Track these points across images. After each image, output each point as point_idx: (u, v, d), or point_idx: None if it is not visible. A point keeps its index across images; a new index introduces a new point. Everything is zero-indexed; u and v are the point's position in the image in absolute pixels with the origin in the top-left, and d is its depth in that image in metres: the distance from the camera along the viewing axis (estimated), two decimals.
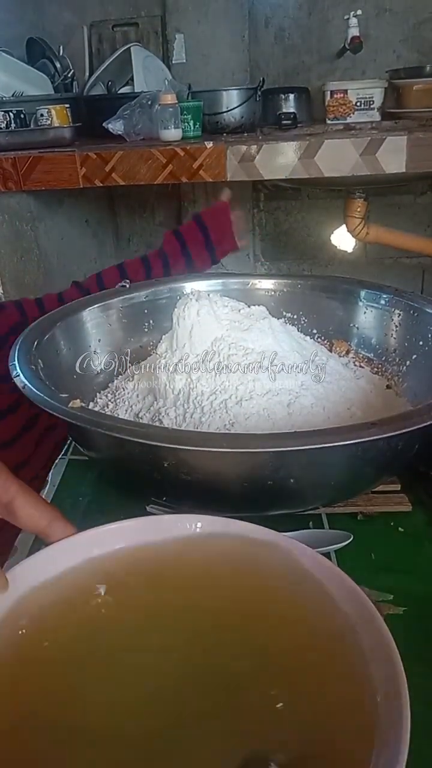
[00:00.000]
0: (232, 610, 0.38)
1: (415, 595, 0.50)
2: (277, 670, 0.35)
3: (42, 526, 0.41)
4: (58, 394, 0.56)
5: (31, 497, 0.41)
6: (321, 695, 0.33)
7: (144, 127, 1.50)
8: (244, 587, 0.40)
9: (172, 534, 0.42)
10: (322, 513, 0.59)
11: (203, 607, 0.39)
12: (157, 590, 0.40)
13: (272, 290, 0.84)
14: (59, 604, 0.38)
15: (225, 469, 0.52)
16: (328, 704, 0.32)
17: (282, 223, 2.05)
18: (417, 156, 1.27)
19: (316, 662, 0.35)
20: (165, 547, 0.42)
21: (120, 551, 0.41)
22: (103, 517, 0.43)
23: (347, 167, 1.31)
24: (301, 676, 0.34)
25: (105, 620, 0.38)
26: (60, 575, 0.39)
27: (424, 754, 0.36)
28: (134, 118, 1.50)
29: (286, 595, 0.38)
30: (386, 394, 0.71)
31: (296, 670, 0.35)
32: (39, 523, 0.41)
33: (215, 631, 0.37)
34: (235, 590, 0.40)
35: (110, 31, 1.91)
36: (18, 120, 1.45)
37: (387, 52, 1.82)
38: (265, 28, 1.86)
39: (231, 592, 0.40)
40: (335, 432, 0.49)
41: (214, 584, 0.40)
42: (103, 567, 0.40)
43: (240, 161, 1.34)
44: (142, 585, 0.40)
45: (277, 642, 0.36)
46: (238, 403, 0.60)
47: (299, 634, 0.36)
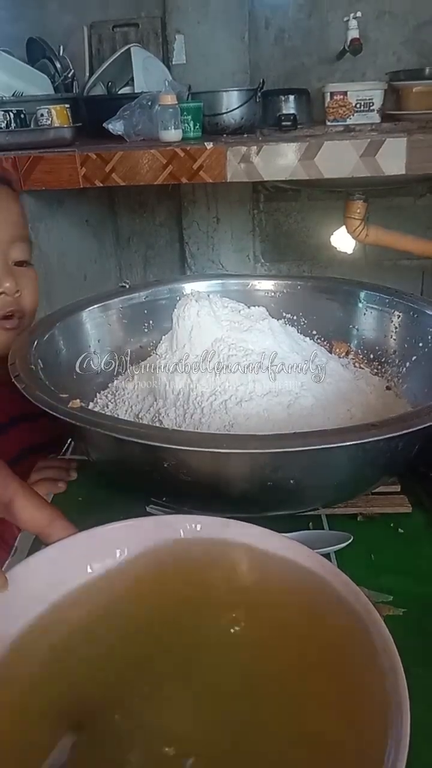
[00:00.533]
0: (233, 610, 0.38)
1: (415, 597, 0.50)
2: (282, 666, 0.35)
3: (42, 526, 0.41)
4: (58, 394, 0.56)
5: (32, 497, 0.42)
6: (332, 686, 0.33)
7: (144, 128, 1.50)
8: (244, 586, 0.40)
9: (172, 534, 0.42)
10: (322, 514, 0.59)
11: (204, 606, 0.39)
12: (157, 589, 0.40)
13: (272, 291, 0.84)
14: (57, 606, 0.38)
15: (225, 469, 0.52)
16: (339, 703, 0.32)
17: (282, 224, 2.05)
18: (417, 158, 1.27)
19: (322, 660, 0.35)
20: (165, 547, 0.42)
21: (120, 552, 0.41)
22: (103, 517, 0.43)
23: (347, 169, 1.31)
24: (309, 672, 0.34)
25: (105, 620, 0.38)
26: (59, 575, 0.39)
27: (425, 754, 0.36)
28: (134, 118, 1.50)
29: (289, 596, 0.38)
30: (386, 395, 0.71)
31: (302, 668, 0.35)
32: (40, 522, 0.41)
33: (216, 630, 0.37)
34: (236, 589, 0.40)
35: (110, 32, 1.91)
36: (18, 120, 1.45)
37: (387, 54, 1.82)
38: (265, 29, 1.86)
39: (232, 590, 0.40)
40: (335, 433, 0.49)
41: (214, 584, 0.40)
42: (103, 567, 0.40)
43: (240, 162, 1.34)
44: (142, 584, 0.40)
45: (280, 641, 0.36)
46: (238, 403, 0.60)
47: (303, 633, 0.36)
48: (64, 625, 0.38)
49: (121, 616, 0.38)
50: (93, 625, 0.38)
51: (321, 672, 0.34)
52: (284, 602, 0.38)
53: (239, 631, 0.37)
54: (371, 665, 0.32)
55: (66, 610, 0.38)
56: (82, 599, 0.39)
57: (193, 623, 0.38)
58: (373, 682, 0.32)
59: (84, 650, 0.36)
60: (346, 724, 0.31)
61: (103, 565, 0.41)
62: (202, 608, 0.39)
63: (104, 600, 0.39)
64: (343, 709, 0.32)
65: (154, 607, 0.39)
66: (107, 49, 1.90)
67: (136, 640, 0.37)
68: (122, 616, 0.38)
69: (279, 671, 0.35)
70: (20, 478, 0.43)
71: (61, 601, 0.38)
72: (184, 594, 0.39)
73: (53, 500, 0.64)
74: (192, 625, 0.37)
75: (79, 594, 0.39)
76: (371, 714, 0.30)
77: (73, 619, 0.38)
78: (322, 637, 0.36)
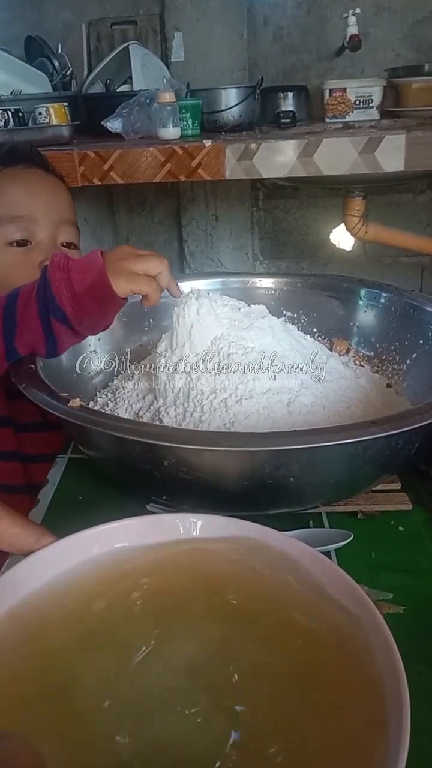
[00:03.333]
0: (234, 609, 0.38)
1: (415, 594, 0.50)
2: (283, 665, 0.35)
3: (30, 544, 0.41)
4: (58, 393, 0.56)
5: (15, 517, 0.42)
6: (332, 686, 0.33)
7: (142, 126, 1.49)
8: (244, 585, 0.40)
9: (172, 533, 0.42)
10: (322, 512, 0.59)
11: (204, 605, 0.39)
12: (158, 588, 0.40)
13: (272, 289, 0.84)
14: (59, 604, 0.38)
15: (225, 468, 0.52)
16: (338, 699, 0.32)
17: (281, 221, 2.05)
18: (416, 155, 1.27)
19: (322, 658, 0.35)
20: (165, 546, 0.42)
21: (120, 550, 0.41)
22: (103, 516, 0.43)
23: (346, 166, 1.30)
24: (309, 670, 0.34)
25: (105, 619, 0.38)
26: (60, 575, 0.39)
27: (425, 753, 0.36)
28: (133, 116, 1.49)
29: (288, 592, 0.38)
30: (386, 392, 0.71)
31: (302, 666, 0.35)
32: (26, 541, 0.41)
33: (217, 630, 0.37)
34: (236, 588, 0.40)
35: (109, 30, 1.90)
36: (16, 118, 1.45)
37: (386, 50, 1.81)
38: (264, 26, 1.86)
39: (231, 589, 0.40)
40: (335, 431, 0.49)
41: (214, 582, 0.40)
42: (103, 567, 0.40)
43: (239, 160, 1.34)
44: (143, 584, 0.40)
45: (281, 640, 0.36)
46: (238, 402, 0.60)
47: (302, 631, 0.36)
48: (65, 624, 0.38)
49: (121, 615, 0.38)
50: (93, 624, 0.38)
51: (321, 670, 0.34)
52: (284, 600, 0.38)
53: (239, 628, 0.37)
54: (371, 663, 0.32)
55: (66, 609, 0.38)
56: (82, 598, 0.39)
57: (192, 622, 0.38)
58: (373, 680, 0.32)
59: (81, 646, 0.36)
60: (346, 723, 0.31)
61: (103, 564, 0.41)
62: (202, 606, 0.39)
63: (104, 599, 0.39)
64: (343, 709, 0.32)
65: (155, 606, 0.39)
66: (105, 47, 1.89)
67: (135, 640, 0.36)
68: (122, 615, 0.38)
69: (278, 669, 0.35)
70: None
71: (62, 600, 0.38)
72: (185, 592, 0.39)
73: (54, 498, 0.64)
74: (191, 623, 0.37)
75: (80, 593, 0.39)
76: (371, 713, 0.30)
77: (72, 618, 0.38)
78: (322, 635, 0.36)
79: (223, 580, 0.40)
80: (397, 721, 0.29)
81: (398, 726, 0.28)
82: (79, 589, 0.39)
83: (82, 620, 0.37)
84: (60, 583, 0.39)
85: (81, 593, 0.39)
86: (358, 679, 0.33)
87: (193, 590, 0.39)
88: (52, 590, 0.39)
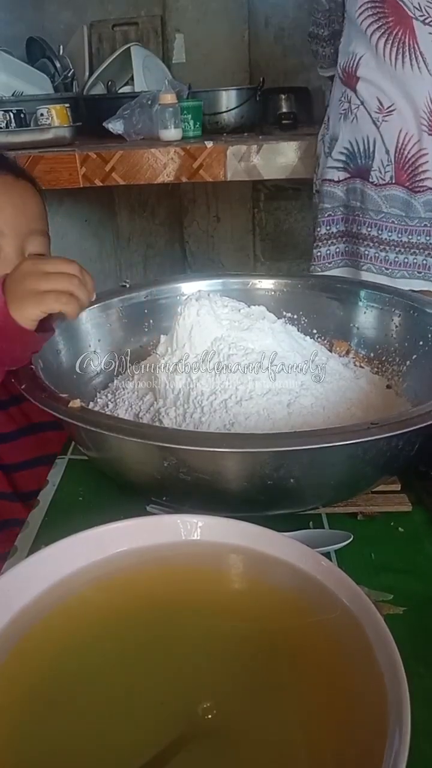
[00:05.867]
0: (233, 609, 0.38)
1: (415, 595, 0.50)
2: (282, 667, 0.35)
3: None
4: (58, 394, 0.56)
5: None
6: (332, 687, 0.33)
7: (144, 127, 1.50)
8: (244, 585, 0.40)
9: (172, 534, 0.42)
10: (322, 513, 0.59)
11: (205, 606, 0.39)
12: (158, 589, 0.40)
13: (272, 290, 0.84)
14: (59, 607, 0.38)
15: (225, 469, 0.52)
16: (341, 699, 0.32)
17: (282, 222, 2.05)
18: None
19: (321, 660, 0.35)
20: (165, 547, 0.42)
21: (120, 552, 0.41)
22: (103, 517, 0.43)
23: None
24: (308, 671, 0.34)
25: (104, 620, 0.38)
26: (60, 576, 0.39)
27: (425, 753, 0.36)
28: (134, 117, 1.50)
29: (288, 595, 0.38)
30: (386, 393, 0.70)
31: (302, 667, 0.35)
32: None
33: (216, 629, 0.37)
34: (236, 588, 0.40)
35: (110, 31, 1.91)
36: (18, 119, 1.45)
37: None
38: (265, 28, 1.86)
39: (231, 590, 0.40)
40: (335, 432, 0.49)
41: (214, 583, 0.40)
42: (103, 568, 0.40)
43: (240, 161, 1.34)
44: (143, 584, 0.40)
45: (279, 640, 0.36)
46: (238, 403, 0.60)
47: (302, 632, 0.36)
48: (66, 624, 0.38)
49: (121, 616, 0.38)
50: (92, 625, 0.38)
51: (320, 671, 0.34)
52: (284, 601, 0.38)
53: (239, 629, 0.37)
54: (371, 664, 0.32)
55: (66, 609, 0.38)
56: (82, 598, 0.39)
57: (192, 622, 0.38)
58: (373, 681, 0.31)
59: (83, 648, 0.36)
60: (346, 724, 0.31)
61: (103, 566, 0.40)
62: (202, 607, 0.39)
63: (103, 601, 0.39)
64: (343, 709, 0.32)
65: (155, 606, 0.39)
66: (107, 49, 1.90)
67: (135, 640, 0.36)
68: (122, 616, 0.38)
69: (278, 670, 0.35)
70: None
71: (62, 600, 0.38)
72: (185, 593, 0.39)
73: (54, 499, 0.63)
74: (191, 624, 0.37)
75: (79, 593, 0.39)
76: (371, 714, 0.30)
77: (72, 618, 0.38)
78: (322, 636, 0.36)
79: (222, 581, 0.40)
80: (397, 722, 0.29)
81: (399, 728, 0.28)
82: (79, 591, 0.39)
83: (79, 624, 0.37)
84: (60, 585, 0.39)
85: (80, 594, 0.39)
86: (358, 681, 0.32)
87: (192, 591, 0.39)
88: (53, 591, 0.39)
